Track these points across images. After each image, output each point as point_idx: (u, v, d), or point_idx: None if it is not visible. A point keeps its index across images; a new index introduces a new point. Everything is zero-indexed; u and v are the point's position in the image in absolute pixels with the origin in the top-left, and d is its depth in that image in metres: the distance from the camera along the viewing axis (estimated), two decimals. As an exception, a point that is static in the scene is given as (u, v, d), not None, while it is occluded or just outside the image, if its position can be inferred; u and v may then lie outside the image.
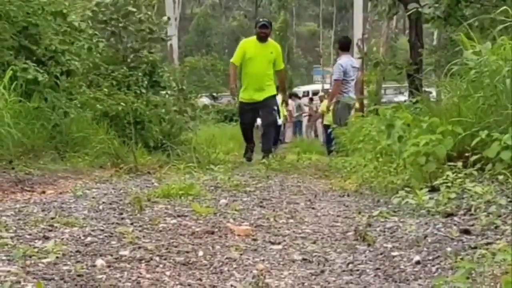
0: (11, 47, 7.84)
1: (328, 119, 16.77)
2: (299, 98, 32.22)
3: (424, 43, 11.53)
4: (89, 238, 3.34)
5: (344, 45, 12.81)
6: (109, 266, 2.83)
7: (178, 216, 4.06)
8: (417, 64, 10.29)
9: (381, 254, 3.13)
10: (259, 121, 21.09)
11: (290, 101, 27.14)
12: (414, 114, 5.75)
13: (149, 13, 11.52)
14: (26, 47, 7.94)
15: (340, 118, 11.47)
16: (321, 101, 17.30)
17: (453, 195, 3.95)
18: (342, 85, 12.01)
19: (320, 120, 21.92)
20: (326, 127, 17.40)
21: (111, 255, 3.01)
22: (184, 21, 48.86)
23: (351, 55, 13.61)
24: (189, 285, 2.64)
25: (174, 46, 27.68)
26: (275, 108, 10.89)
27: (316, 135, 26.31)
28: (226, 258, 3.08)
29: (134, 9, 11.02)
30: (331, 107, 12.43)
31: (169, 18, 14.92)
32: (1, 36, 7.75)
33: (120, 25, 10.84)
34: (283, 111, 22.21)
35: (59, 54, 8.12)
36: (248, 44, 11.00)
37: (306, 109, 30.01)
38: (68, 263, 2.84)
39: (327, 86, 31.23)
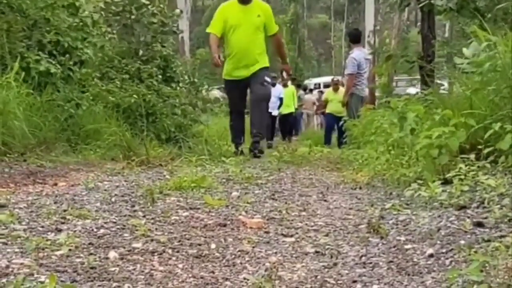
0: (23, 39, 7.86)
1: (331, 108, 16.79)
2: (305, 90, 31.98)
3: (436, 35, 11.50)
4: (101, 231, 3.34)
5: (356, 38, 12.84)
6: (122, 259, 2.84)
7: (190, 208, 4.06)
8: (429, 56, 10.26)
9: (394, 247, 3.12)
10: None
11: None
12: (426, 107, 5.73)
13: (162, 5, 11.50)
14: (38, 41, 7.95)
15: (354, 111, 11.48)
16: (336, 90, 17.02)
17: (466, 188, 3.94)
18: (355, 78, 12.04)
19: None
20: (328, 115, 17.38)
21: (124, 248, 3.01)
22: (196, 13, 48.90)
23: (363, 47, 13.64)
24: (201, 277, 2.64)
25: (185, 39, 27.67)
26: (268, 80, 9.10)
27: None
28: (239, 250, 3.08)
29: (147, 2, 11.01)
30: (346, 100, 12.44)
31: (181, 11, 14.90)
32: (13, 28, 7.77)
33: (133, 17, 10.84)
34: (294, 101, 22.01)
35: (71, 48, 8.14)
36: (228, 8, 9.04)
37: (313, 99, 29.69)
38: (81, 255, 2.84)
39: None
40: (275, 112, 19.75)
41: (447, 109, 5.01)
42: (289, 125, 21.63)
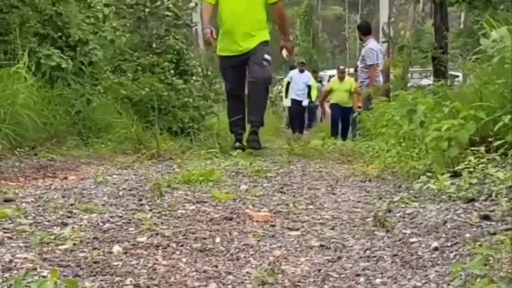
0: (36, 34, 7.88)
1: (336, 98, 16.64)
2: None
3: (450, 26, 11.44)
4: (107, 225, 3.34)
5: (368, 29, 12.82)
6: (125, 253, 2.84)
7: (198, 202, 4.06)
8: (442, 48, 10.20)
9: (399, 240, 3.11)
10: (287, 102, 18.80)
11: None
12: (437, 99, 5.70)
13: (177, -3, 11.47)
14: (50, 35, 7.97)
15: (369, 103, 11.46)
16: (342, 79, 16.76)
17: (474, 180, 3.91)
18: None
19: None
20: (333, 106, 17.14)
21: (128, 242, 3.01)
22: (210, 6, 48.75)
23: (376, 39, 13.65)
24: (204, 271, 2.64)
25: (199, 31, 27.58)
26: (269, 59, 7.71)
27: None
28: (243, 244, 3.07)
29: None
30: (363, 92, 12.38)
31: (196, 4, 14.83)
32: (25, 23, 7.79)
33: (147, 10, 10.82)
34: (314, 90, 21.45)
35: (82, 43, 8.15)
36: None
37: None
38: (85, 249, 2.85)
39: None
40: (305, 102, 19.27)
41: (457, 101, 4.98)
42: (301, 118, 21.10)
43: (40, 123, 6.74)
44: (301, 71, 19.01)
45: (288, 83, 19.16)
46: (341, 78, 17.01)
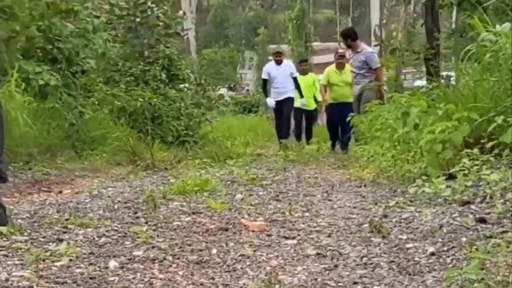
0: (23, 49, 7.86)
1: (334, 95, 13.86)
2: None
3: (443, 27, 11.46)
4: (103, 239, 3.33)
5: (356, 34, 12.63)
6: (122, 267, 2.82)
7: (193, 213, 4.05)
8: (434, 49, 10.21)
9: (395, 246, 3.10)
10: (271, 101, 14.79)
11: None
12: (430, 101, 5.70)
13: (165, 7, 11.46)
14: (39, 48, 7.95)
15: (363, 106, 11.41)
16: (342, 68, 13.50)
17: (469, 183, 3.92)
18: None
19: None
20: (329, 106, 14.39)
21: (125, 256, 2.99)
22: (201, 13, 48.83)
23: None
24: (201, 284, 2.63)
25: (191, 39, 27.64)
26: None
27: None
28: (240, 255, 3.06)
29: (153, 5, 11.00)
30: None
31: (184, 13, 14.80)
32: (12, 38, 7.77)
33: (137, 20, 10.82)
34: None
35: (73, 54, 8.13)
36: None
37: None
38: (81, 265, 2.83)
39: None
40: (302, 100, 13.56)
41: (451, 103, 4.98)
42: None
43: (34, 137, 6.72)
44: (278, 62, 13.09)
45: (265, 82, 13.36)
46: (340, 66, 12.60)
